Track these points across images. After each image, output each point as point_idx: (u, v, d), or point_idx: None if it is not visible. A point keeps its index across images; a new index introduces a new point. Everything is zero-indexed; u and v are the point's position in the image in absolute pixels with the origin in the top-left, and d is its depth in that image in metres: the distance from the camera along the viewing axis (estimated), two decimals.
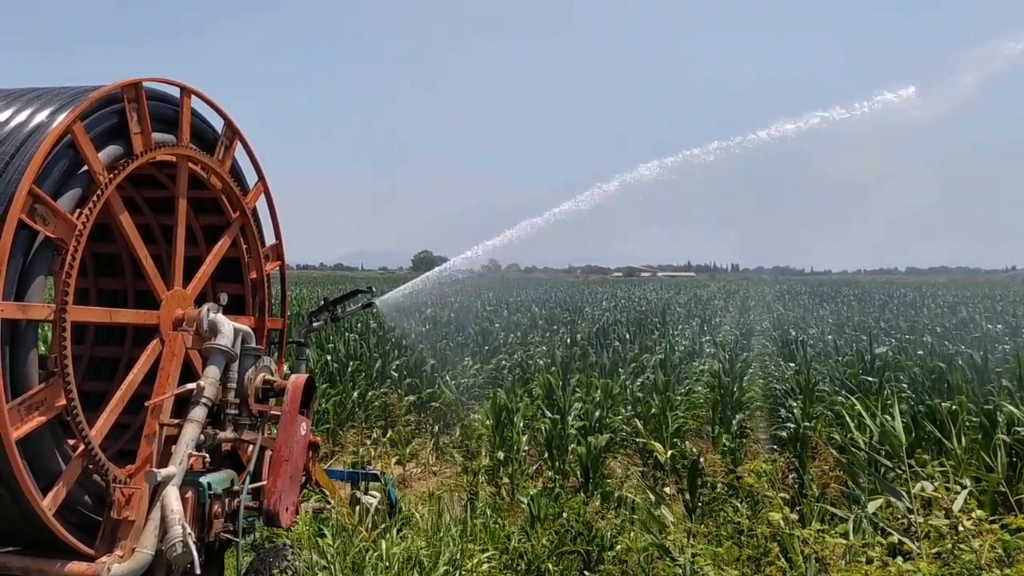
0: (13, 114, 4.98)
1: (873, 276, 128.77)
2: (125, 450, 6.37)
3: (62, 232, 4.71)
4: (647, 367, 16.02)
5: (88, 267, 7.19)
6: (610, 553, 7.23)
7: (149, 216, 6.95)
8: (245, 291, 6.90)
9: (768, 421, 13.91)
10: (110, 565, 4.71)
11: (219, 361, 5.64)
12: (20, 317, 4.49)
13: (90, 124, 4.97)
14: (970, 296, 54.47)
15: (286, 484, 5.69)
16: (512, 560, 7.14)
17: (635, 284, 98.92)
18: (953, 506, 4.81)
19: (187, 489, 5.17)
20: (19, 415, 4.46)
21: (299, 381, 5.94)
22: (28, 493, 4.48)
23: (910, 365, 14.09)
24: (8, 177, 4.56)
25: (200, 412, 5.40)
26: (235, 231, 6.57)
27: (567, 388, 12.48)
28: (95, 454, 4.94)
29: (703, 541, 6.22)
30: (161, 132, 5.58)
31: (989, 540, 4.50)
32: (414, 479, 11.47)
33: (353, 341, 17.90)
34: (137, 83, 5.26)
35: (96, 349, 7.25)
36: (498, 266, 16.98)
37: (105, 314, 6.02)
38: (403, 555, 6.18)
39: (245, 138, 6.45)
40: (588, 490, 9.07)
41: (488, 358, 18.84)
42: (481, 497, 9.47)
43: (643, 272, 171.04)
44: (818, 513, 7.01)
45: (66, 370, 4.73)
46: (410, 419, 14.21)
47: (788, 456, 9.64)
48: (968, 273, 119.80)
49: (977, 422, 9.18)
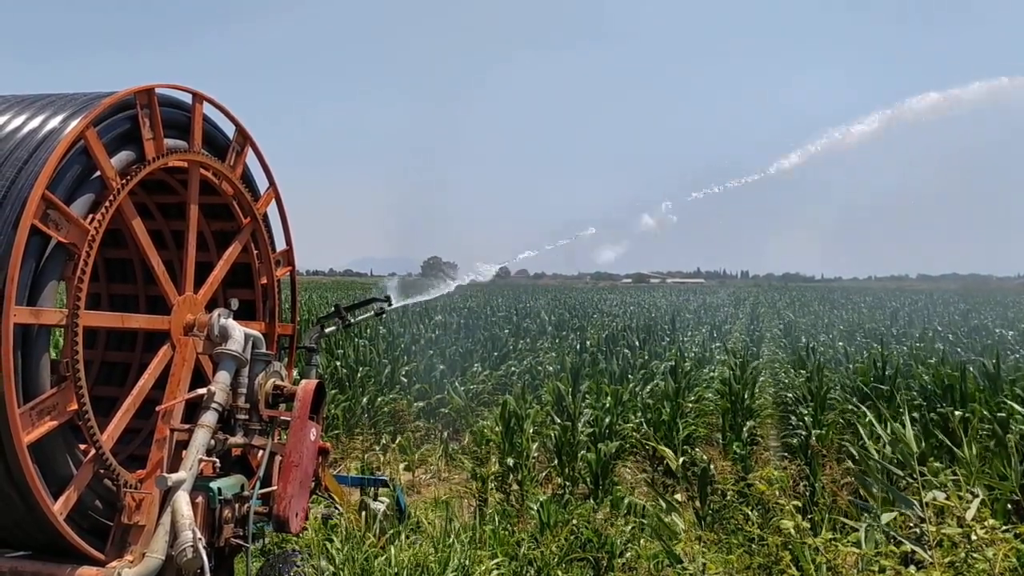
0: (26, 120, 5.01)
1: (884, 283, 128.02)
2: (136, 455, 6.38)
3: (74, 237, 4.73)
4: (657, 374, 15.98)
5: (100, 272, 7.22)
6: (620, 560, 7.20)
7: (161, 221, 6.98)
8: (256, 296, 6.91)
9: (779, 428, 13.85)
10: (120, 570, 4.72)
11: (230, 366, 5.64)
12: (32, 322, 4.51)
13: (103, 130, 4.99)
14: (982, 303, 54.15)
15: (296, 490, 5.69)
16: (521, 567, 7.12)
17: (644, 290, 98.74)
18: (966, 515, 4.76)
19: (197, 494, 5.17)
20: (31, 419, 4.48)
21: (309, 387, 5.93)
22: (39, 497, 4.50)
23: (921, 372, 14.00)
24: (21, 182, 4.59)
25: (211, 417, 5.40)
26: (246, 237, 6.58)
27: (577, 394, 12.44)
28: (106, 459, 4.95)
29: (713, 549, 6.19)
30: (173, 138, 5.60)
31: (1003, 549, 4.45)
32: (423, 485, 11.46)
33: (363, 347, 17.91)
34: (150, 89, 5.29)
35: (107, 354, 7.27)
36: (507, 272, 17.04)
37: (117, 319, 6.04)
38: (411, 561, 6.17)
39: (256, 144, 6.47)
40: (598, 497, 9.05)
41: (497, 364, 18.83)
42: (490, 503, 9.45)
43: (652, 278, 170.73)
44: (829, 521, 6.96)
45: (78, 375, 4.74)
46: (419, 425, 14.21)
47: (799, 464, 9.59)
48: (980, 280, 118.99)
49: (990, 430, 9.11)
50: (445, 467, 12.24)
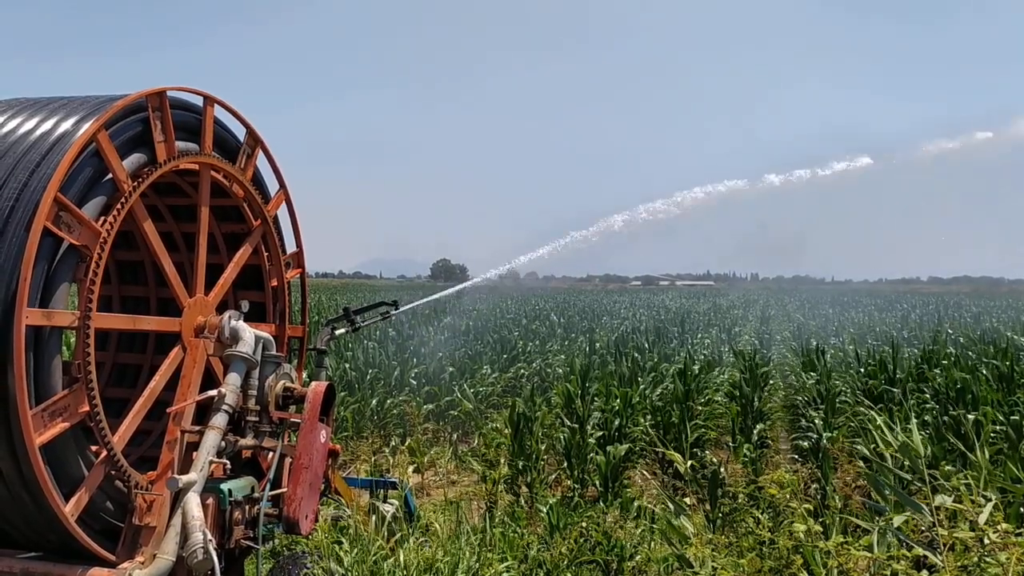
0: (38, 123, 5.03)
1: (894, 286, 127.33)
2: (147, 456, 6.39)
3: (86, 239, 4.75)
4: (666, 376, 15.95)
5: (111, 274, 7.25)
6: (630, 564, 7.18)
7: (172, 224, 7.00)
8: (266, 298, 6.92)
9: (789, 431, 13.80)
10: (131, 571, 4.73)
11: (240, 368, 5.66)
12: (44, 324, 4.52)
13: (115, 133, 5.01)
14: (995, 307, 53.82)
15: (306, 492, 5.70)
16: (531, 569, 7.11)
17: (654, 292, 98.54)
18: (979, 519, 4.73)
19: (208, 496, 5.18)
20: (42, 421, 4.49)
21: (319, 388, 5.94)
22: (51, 499, 4.51)
23: (934, 375, 13.93)
24: (33, 185, 4.60)
25: (221, 419, 5.41)
26: (256, 239, 6.60)
27: (586, 397, 12.43)
28: (117, 460, 4.96)
29: (724, 552, 6.16)
30: (184, 140, 5.62)
31: (1016, 553, 4.42)
32: (433, 487, 11.47)
33: (372, 349, 17.95)
34: (161, 92, 5.31)
35: (119, 356, 7.29)
36: (516, 274, 17.01)
37: (128, 321, 6.06)
38: (421, 563, 6.17)
39: (267, 147, 6.48)
40: (607, 499, 9.03)
41: (507, 366, 18.84)
42: (500, 506, 9.45)
43: (662, 280, 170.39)
44: (841, 525, 6.93)
45: (89, 376, 4.76)
46: (428, 427, 14.22)
47: (810, 467, 9.55)
48: (992, 283, 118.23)
49: (1003, 433, 9.05)
50: (454, 469, 12.25)
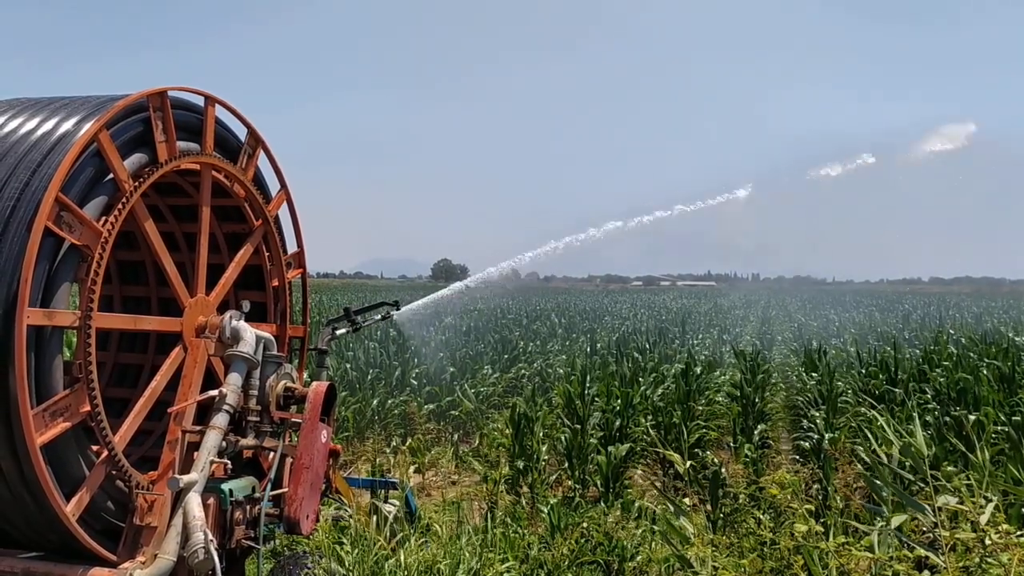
0: (40, 123, 5.03)
1: (896, 286, 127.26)
2: (148, 456, 6.39)
3: (88, 239, 4.75)
4: (667, 376, 15.94)
5: (112, 274, 7.25)
6: (630, 564, 7.17)
7: (173, 224, 7.00)
8: (267, 298, 6.92)
9: (790, 431, 13.79)
10: (132, 571, 4.73)
11: (241, 368, 5.65)
12: (46, 323, 4.53)
13: (116, 133, 5.01)
14: (996, 307, 53.78)
15: (307, 492, 5.69)
16: (532, 570, 7.11)
17: (655, 293, 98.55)
18: (980, 519, 4.73)
19: (209, 496, 5.18)
20: (44, 421, 4.49)
21: (320, 388, 5.94)
22: (52, 499, 4.51)
23: (935, 376, 13.92)
24: (35, 185, 4.61)
25: (222, 419, 5.41)
26: (257, 239, 6.60)
27: (587, 397, 12.42)
28: (118, 460, 4.97)
29: (725, 553, 6.16)
30: (185, 140, 5.62)
31: (1018, 554, 4.41)
32: (434, 487, 11.47)
33: (373, 349, 17.95)
34: (163, 92, 5.31)
35: (120, 356, 7.29)
36: (517, 275, 17.01)
37: (129, 321, 6.06)
38: (422, 564, 6.17)
39: (268, 146, 6.48)
40: (608, 500, 9.03)
41: (508, 367, 18.83)
42: (501, 506, 9.44)
43: (663, 281, 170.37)
44: (842, 525, 6.92)
45: (90, 376, 4.76)
46: (430, 427, 14.22)
47: (812, 467, 9.54)
48: (993, 283, 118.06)
49: (1005, 433, 9.03)
50: (455, 469, 12.25)
